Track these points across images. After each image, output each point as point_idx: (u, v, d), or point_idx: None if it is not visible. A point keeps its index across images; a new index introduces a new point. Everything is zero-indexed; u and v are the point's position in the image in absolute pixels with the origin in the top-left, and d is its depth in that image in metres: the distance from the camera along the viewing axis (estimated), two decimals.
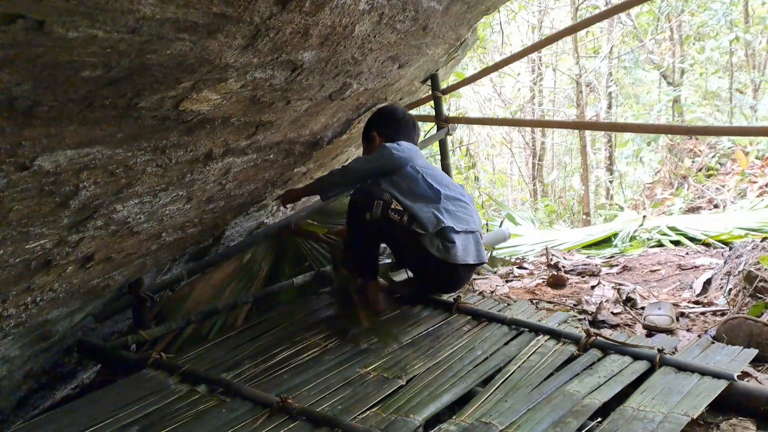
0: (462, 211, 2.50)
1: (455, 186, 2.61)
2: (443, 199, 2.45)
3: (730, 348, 2.09)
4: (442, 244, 2.38)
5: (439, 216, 2.40)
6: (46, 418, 1.90)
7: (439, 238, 2.38)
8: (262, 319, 2.56)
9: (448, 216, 2.42)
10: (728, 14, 8.23)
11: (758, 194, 5.62)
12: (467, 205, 2.55)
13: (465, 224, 2.47)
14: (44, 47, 1.07)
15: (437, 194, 2.45)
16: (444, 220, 2.39)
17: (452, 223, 2.41)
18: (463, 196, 2.58)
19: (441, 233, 2.38)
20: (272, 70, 1.78)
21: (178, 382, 2.04)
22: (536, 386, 1.88)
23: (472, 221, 2.52)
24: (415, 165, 2.54)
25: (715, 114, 9.16)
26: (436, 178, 2.53)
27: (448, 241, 2.38)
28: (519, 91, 11.02)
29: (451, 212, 2.44)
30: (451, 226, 2.39)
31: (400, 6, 2.11)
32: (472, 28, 3.43)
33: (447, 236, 2.38)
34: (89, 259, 1.97)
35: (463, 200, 2.55)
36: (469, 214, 2.52)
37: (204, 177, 2.14)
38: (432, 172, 2.56)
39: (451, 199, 2.49)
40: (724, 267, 2.96)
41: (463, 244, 2.42)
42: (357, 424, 1.69)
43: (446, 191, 2.50)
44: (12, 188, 1.38)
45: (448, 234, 2.38)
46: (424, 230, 2.38)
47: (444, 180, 2.58)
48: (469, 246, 2.46)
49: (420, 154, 2.67)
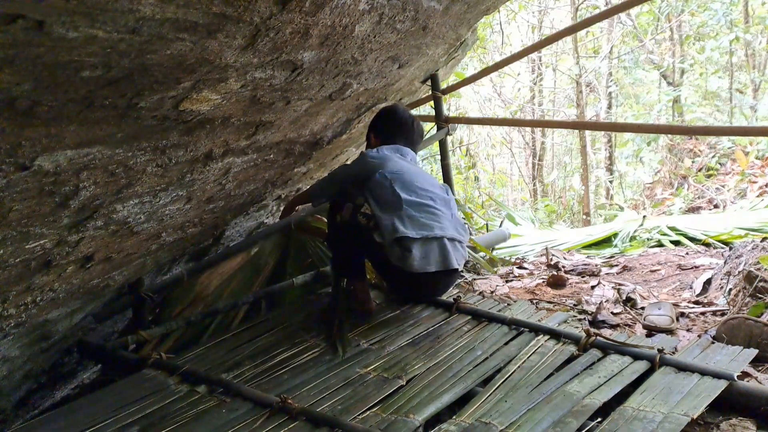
0: (427, 216, 2.42)
1: (428, 191, 2.50)
2: (404, 206, 2.39)
3: (730, 348, 2.08)
4: (400, 252, 2.36)
5: (396, 224, 2.36)
6: (46, 418, 1.90)
7: (397, 246, 2.36)
8: (262, 319, 2.56)
9: (408, 223, 2.37)
10: (728, 14, 8.23)
11: (758, 194, 5.62)
12: (436, 211, 2.46)
13: (427, 230, 2.38)
14: (44, 47, 1.07)
15: (399, 201, 2.40)
16: (400, 228, 2.34)
17: (411, 230, 2.35)
18: (434, 201, 2.48)
19: (398, 241, 2.35)
20: (272, 70, 1.78)
21: (178, 382, 2.03)
22: (536, 386, 1.88)
23: (439, 227, 2.42)
24: (385, 171, 2.47)
25: (715, 114, 9.16)
26: (405, 184, 2.46)
27: (405, 249, 2.35)
28: (519, 91, 11.03)
29: (413, 219, 2.38)
30: (406, 235, 2.34)
31: (400, 6, 2.11)
32: (472, 28, 3.44)
33: (403, 244, 2.35)
34: (89, 259, 1.97)
35: (432, 206, 2.46)
36: (436, 220, 2.43)
37: (204, 177, 2.14)
38: (403, 178, 2.47)
39: (415, 206, 2.42)
40: (724, 267, 2.96)
41: (422, 252, 2.36)
42: (357, 424, 1.69)
43: (412, 197, 2.43)
44: (12, 188, 1.38)
45: (405, 242, 2.34)
46: (382, 238, 2.38)
47: (415, 185, 2.48)
48: (430, 254, 2.39)
49: (400, 158, 2.59)
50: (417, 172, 2.60)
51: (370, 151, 2.60)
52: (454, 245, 2.46)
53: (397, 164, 2.54)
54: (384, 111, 2.80)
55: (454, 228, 2.49)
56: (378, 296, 2.67)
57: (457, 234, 2.49)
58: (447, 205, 2.53)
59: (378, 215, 2.41)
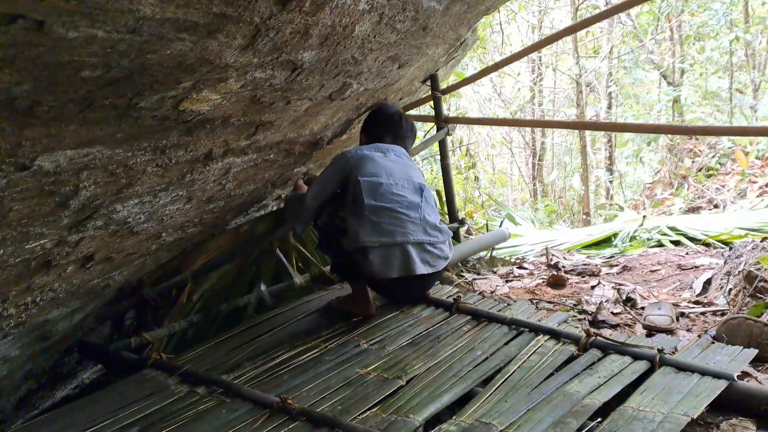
0: (391, 222, 2.38)
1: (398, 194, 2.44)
2: (367, 212, 2.37)
3: (730, 348, 2.08)
4: (361, 259, 2.37)
5: (358, 231, 2.36)
6: (46, 418, 1.91)
7: (358, 253, 2.38)
8: (262, 320, 2.56)
9: (370, 229, 2.35)
10: (728, 14, 8.23)
11: (758, 194, 5.62)
12: (401, 216, 2.40)
13: (388, 237, 2.36)
14: (44, 47, 1.07)
15: (362, 207, 2.38)
16: (360, 236, 2.34)
17: (371, 236, 2.34)
18: (401, 205, 2.41)
19: (358, 248, 2.37)
20: (272, 70, 1.78)
21: (178, 382, 2.04)
22: (536, 386, 1.88)
23: (401, 232, 2.38)
24: (360, 174, 2.43)
25: (715, 114, 9.16)
26: (374, 188, 2.41)
27: (365, 256, 2.36)
28: (519, 91, 11.03)
29: (375, 224, 2.36)
30: (363, 245, 2.33)
31: (400, 6, 2.11)
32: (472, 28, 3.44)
33: (364, 251, 2.36)
34: (89, 259, 1.97)
35: (397, 210, 2.40)
36: (399, 225, 2.38)
37: (204, 177, 2.14)
38: (374, 182, 2.42)
39: (378, 211, 2.38)
40: (724, 267, 2.96)
41: (382, 259, 2.35)
42: (357, 425, 1.69)
43: (377, 202, 2.39)
44: (12, 188, 1.38)
45: (363, 249, 2.35)
46: (347, 244, 2.40)
47: (385, 188, 2.43)
48: (391, 259, 2.36)
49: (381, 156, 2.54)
50: (395, 171, 2.51)
51: (349, 151, 2.59)
52: (422, 249, 2.42)
53: (375, 165, 2.48)
54: (372, 110, 2.83)
55: (423, 230, 2.43)
56: (378, 298, 2.67)
57: (427, 236, 2.44)
58: (416, 208, 2.45)
59: (348, 220, 2.42)
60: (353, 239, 2.38)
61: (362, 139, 2.77)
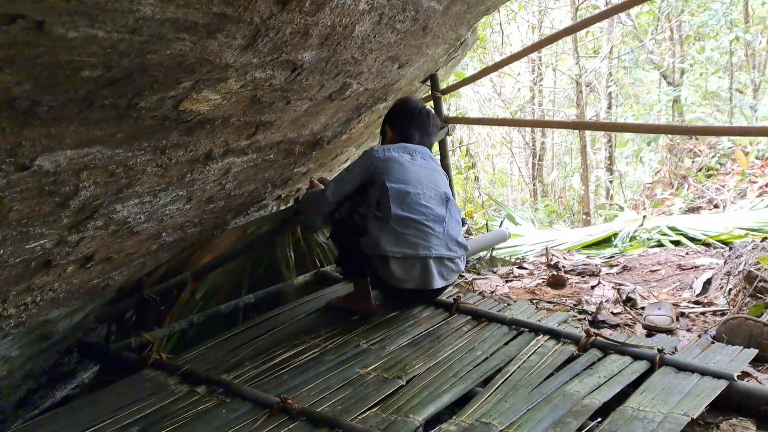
0: (416, 234, 2.36)
1: (425, 205, 2.41)
2: (392, 222, 2.35)
3: (730, 348, 2.08)
4: (380, 264, 2.37)
5: (380, 237, 2.33)
6: (46, 418, 1.91)
7: (378, 259, 2.37)
8: (262, 319, 2.56)
9: (393, 239, 2.33)
10: (728, 14, 8.23)
11: (758, 194, 5.61)
12: (426, 229, 2.38)
13: (411, 249, 2.34)
14: (44, 47, 1.07)
15: (388, 214, 2.35)
16: (382, 244, 2.32)
17: (393, 247, 2.33)
18: (427, 218, 2.39)
19: (378, 255, 2.35)
20: (272, 70, 1.78)
21: (178, 382, 2.03)
22: (536, 386, 1.88)
23: (424, 246, 2.36)
24: (387, 180, 2.40)
25: (715, 114, 9.16)
26: (402, 197, 2.38)
27: (385, 264, 2.35)
28: (519, 91, 11.03)
29: (399, 235, 2.34)
30: (386, 253, 2.32)
31: (400, 6, 2.11)
32: (472, 28, 3.44)
33: (383, 258, 2.35)
34: (89, 259, 1.97)
35: (423, 223, 2.38)
36: (423, 239, 2.36)
37: (204, 177, 2.14)
38: (402, 190, 2.39)
39: (404, 221, 2.35)
40: (724, 267, 2.96)
41: (402, 270, 2.35)
42: (357, 425, 1.69)
43: (405, 212, 2.36)
44: (12, 188, 1.38)
45: (384, 257, 2.34)
46: (366, 246, 2.38)
47: (413, 198, 2.40)
48: (411, 272, 2.36)
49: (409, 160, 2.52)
50: (423, 178, 2.49)
51: (376, 150, 2.53)
52: (441, 263, 2.42)
53: (403, 170, 2.46)
54: (396, 103, 2.78)
55: (446, 245, 2.42)
56: (378, 297, 2.67)
57: (448, 251, 2.43)
58: (441, 222, 2.43)
59: (369, 221, 2.40)
60: (373, 244, 2.35)
61: (388, 133, 2.69)
